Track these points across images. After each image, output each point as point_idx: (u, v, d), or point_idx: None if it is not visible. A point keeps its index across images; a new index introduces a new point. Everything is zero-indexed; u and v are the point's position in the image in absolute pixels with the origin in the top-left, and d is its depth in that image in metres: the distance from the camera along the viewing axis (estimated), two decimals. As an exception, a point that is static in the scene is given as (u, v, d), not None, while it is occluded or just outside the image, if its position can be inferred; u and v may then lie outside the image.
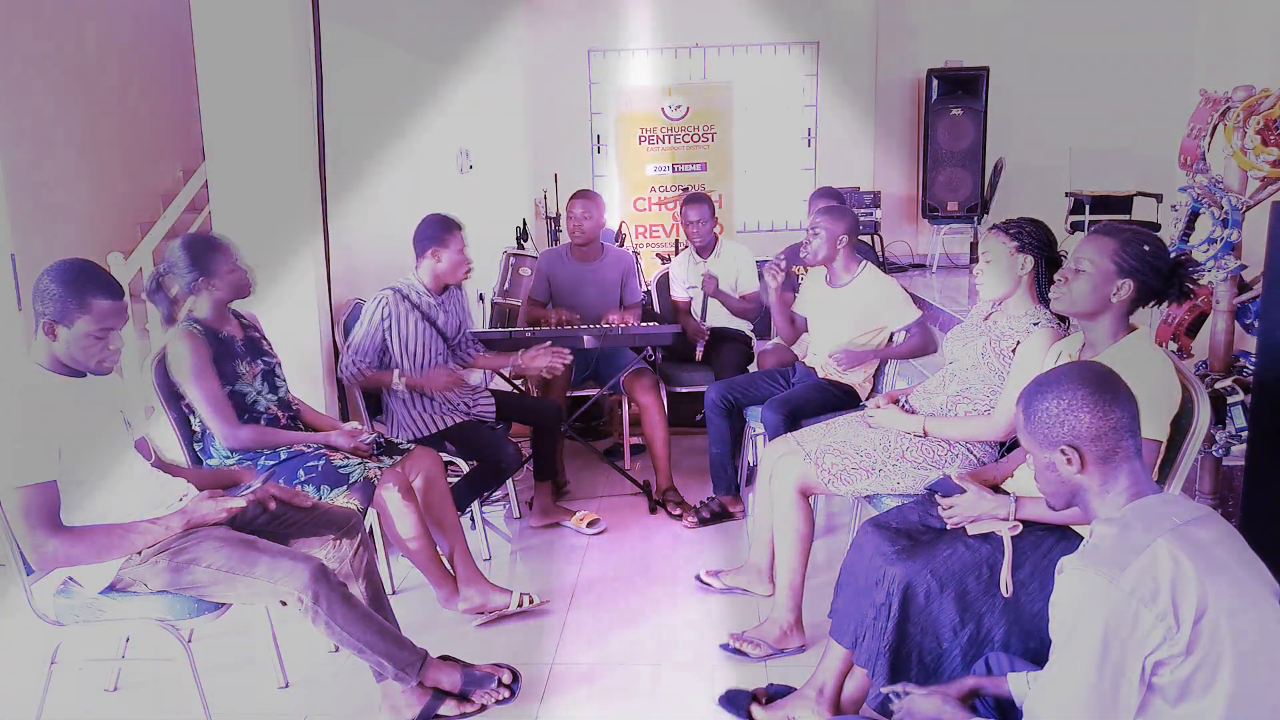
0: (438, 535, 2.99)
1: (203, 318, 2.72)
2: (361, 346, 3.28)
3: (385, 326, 3.27)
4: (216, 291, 2.71)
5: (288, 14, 3.23)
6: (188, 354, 2.63)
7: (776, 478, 2.79)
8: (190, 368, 2.62)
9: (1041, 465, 1.57)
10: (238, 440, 2.69)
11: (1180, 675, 1.35)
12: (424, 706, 2.41)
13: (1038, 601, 1.99)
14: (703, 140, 6.39)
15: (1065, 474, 1.53)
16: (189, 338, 2.65)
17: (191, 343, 2.64)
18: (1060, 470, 1.53)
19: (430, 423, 3.35)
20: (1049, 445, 1.53)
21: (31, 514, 1.99)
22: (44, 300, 2.05)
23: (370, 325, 3.27)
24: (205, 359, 2.64)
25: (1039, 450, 1.56)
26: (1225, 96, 2.77)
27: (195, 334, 2.66)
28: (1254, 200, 2.75)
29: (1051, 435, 1.52)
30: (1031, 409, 1.55)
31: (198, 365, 2.63)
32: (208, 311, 2.73)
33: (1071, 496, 1.56)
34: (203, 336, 2.67)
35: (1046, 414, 1.52)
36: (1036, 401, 1.54)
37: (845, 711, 2.30)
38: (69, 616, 2.18)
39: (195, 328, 2.68)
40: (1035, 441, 1.56)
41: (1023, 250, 2.52)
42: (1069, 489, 1.55)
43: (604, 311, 4.13)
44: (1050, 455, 1.53)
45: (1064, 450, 1.51)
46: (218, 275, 2.69)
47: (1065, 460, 1.51)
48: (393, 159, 4.24)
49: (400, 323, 3.29)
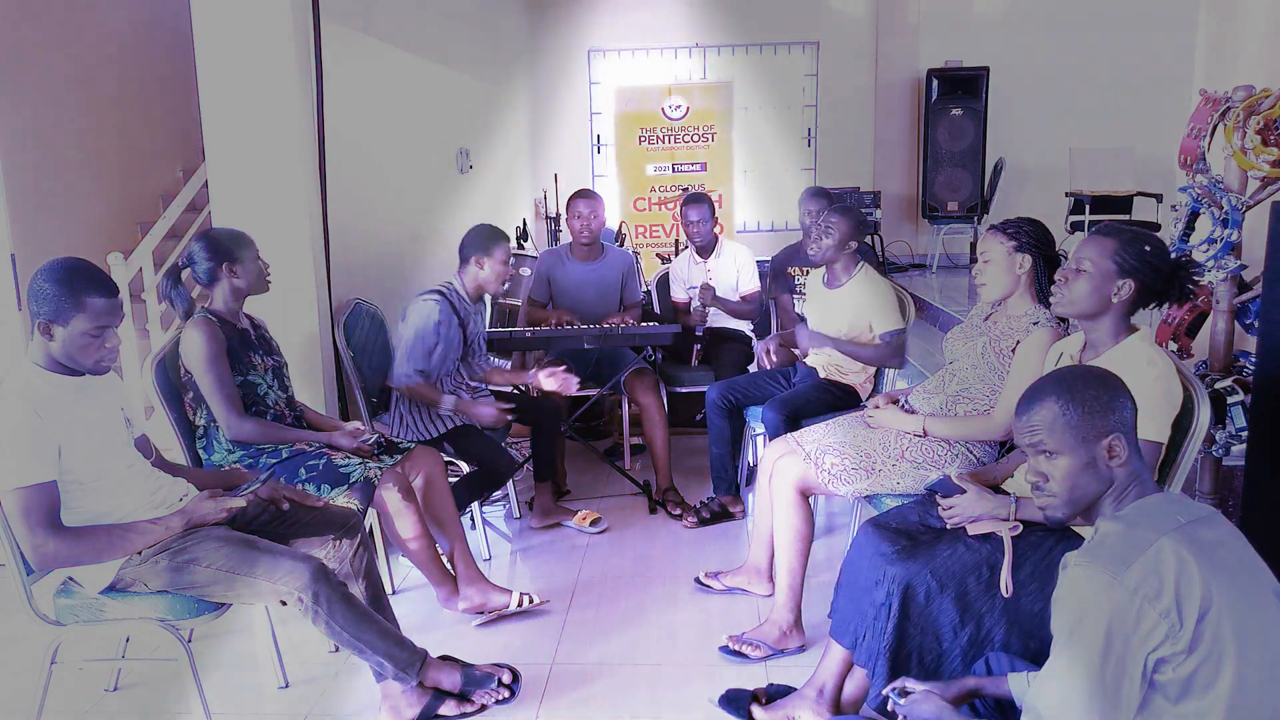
0: (438, 535, 3.00)
1: (218, 309, 2.76)
2: (416, 352, 3.26)
3: (439, 331, 3.27)
4: (237, 280, 2.75)
5: (288, 14, 3.23)
6: (202, 340, 2.65)
7: (776, 478, 2.79)
8: (204, 354, 2.65)
9: (1079, 465, 1.51)
10: (241, 431, 2.69)
11: (1182, 673, 1.35)
12: (424, 706, 2.41)
13: (1038, 601, 1.99)
14: (703, 140, 6.40)
15: (1105, 471, 1.50)
16: (205, 324, 2.68)
17: (208, 329, 2.67)
18: (1101, 467, 1.51)
19: (435, 426, 3.36)
20: (1094, 438, 1.50)
21: (31, 514, 1.99)
22: (39, 300, 2.05)
23: (425, 329, 3.25)
24: (220, 347, 2.68)
25: (1079, 447, 1.50)
26: (1225, 96, 2.77)
27: (211, 322, 2.70)
28: (1254, 200, 2.75)
29: (1098, 426, 1.49)
30: (1075, 401, 1.50)
31: (212, 352, 2.65)
32: (224, 303, 2.77)
33: (1093, 500, 1.53)
34: (218, 325, 2.71)
35: (1095, 401, 1.49)
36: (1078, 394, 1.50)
37: (845, 711, 2.30)
38: (69, 616, 2.18)
39: (211, 317, 2.72)
40: (1075, 438, 1.50)
41: (1020, 250, 2.52)
42: (1097, 489, 1.52)
43: (604, 312, 4.13)
44: (1093, 451, 1.50)
45: (1112, 444, 1.49)
46: (242, 264, 2.74)
47: (1107, 455, 1.49)
48: (393, 159, 4.24)
49: (447, 328, 3.31)
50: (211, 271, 2.74)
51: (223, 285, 2.75)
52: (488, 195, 5.68)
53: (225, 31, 3.26)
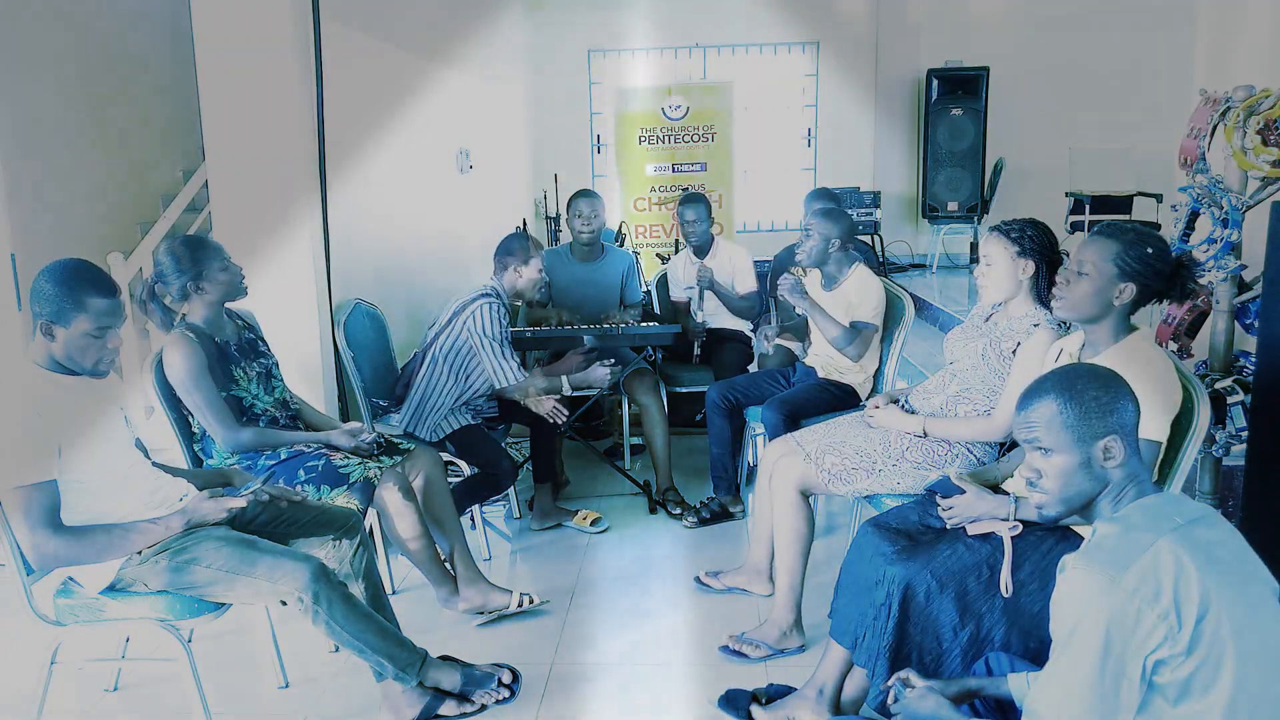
0: (438, 535, 2.99)
1: (197, 322, 2.71)
2: (505, 350, 3.40)
3: (507, 325, 3.43)
4: (207, 294, 2.69)
5: (288, 14, 3.23)
6: (183, 361, 2.61)
7: (776, 478, 2.79)
8: (186, 374, 2.61)
9: (1075, 464, 1.52)
10: (239, 443, 2.68)
11: (1181, 675, 1.35)
12: (424, 706, 2.41)
13: (1038, 601, 1.99)
14: (703, 140, 6.39)
15: (1100, 470, 1.51)
16: (184, 343, 2.63)
17: (187, 348, 2.62)
18: (1096, 467, 1.51)
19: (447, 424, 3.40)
20: (1091, 438, 1.50)
21: (31, 514, 1.99)
22: (41, 301, 2.05)
23: (505, 326, 3.41)
24: (201, 365, 2.63)
25: (1075, 447, 1.51)
26: (1225, 96, 2.76)
27: (189, 340, 2.64)
28: (1254, 200, 2.75)
29: (1095, 428, 1.49)
30: (1074, 401, 1.50)
31: (194, 371, 2.61)
32: (201, 315, 2.71)
33: (1088, 499, 1.54)
34: (197, 342, 2.65)
35: (1095, 403, 1.49)
36: (1077, 393, 1.50)
37: (845, 711, 2.30)
38: (69, 616, 2.17)
39: (189, 334, 2.66)
40: (1072, 437, 1.51)
41: (1024, 255, 2.51)
42: (1091, 490, 1.52)
43: (604, 311, 4.13)
44: (1089, 450, 1.50)
45: (1108, 445, 1.49)
46: (207, 277, 2.67)
47: (1104, 456, 1.49)
48: (393, 159, 4.24)
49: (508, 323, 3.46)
50: (182, 288, 2.67)
51: (196, 300, 2.69)
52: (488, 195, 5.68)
53: (225, 31, 3.25)
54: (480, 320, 3.35)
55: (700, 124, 6.38)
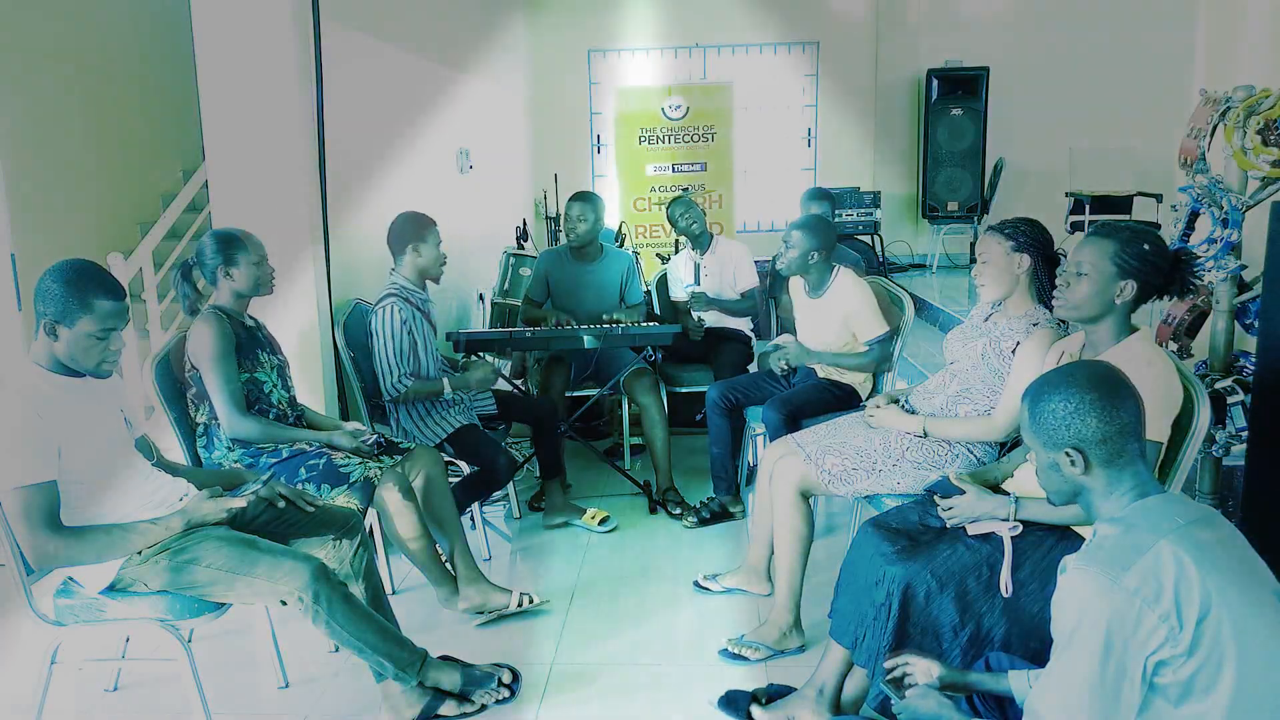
0: (438, 535, 2.99)
1: (225, 306, 2.78)
2: (396, 358, 3.26)
3: (407, 330, 3.27)
4: (236, 282, 2.76)
5: (288, 14, 3.23)
6: (210, 336, 2.67)
7: (776, 479, 2.79)
8: (211, 349, 2.66)
9: (1045, 464, 1.57)
10: (242, 428, 2.70)
11: (1182, 675, 1.35)
12: (424, 706, 2.41)
13: (1038, 601, 1.99)
14: (703, 140, 6.39)
15: (1068, 475, 1.53)
16: (214, 321, 2.70)
17: (218, 326, 2.69)
18: (1064, 471, 1.53)
19: (438, 431, 3.35)
20: (1053, 446, 1.53)
21: (31, 514, 1.99)
22: (46, 300, 2.05)
23: (396, 334, 3.25)
24: (229, 344, 2.69)
25: (1043, 450, 1.56)
26: (1225, 96, 2.77)
27: (220, 319, 2.72)
28: (1254, 200, 2.75)
29: (1056, 437, 1.52)
30: (1037, 409, 1.54)
31: (220, 348, 2.67)
32: (229, 301, 2.78)
33: (1074, 495, 1.56)
34: (228, 322, 2.73)
35: (1053, 415, 1.52)
36: (1043, 402, 1.54)
37: (845, 711, 2.30)
38: (69, 616, 2.17)
39: (220, 313, 2.73)
40: (1039, 441, 1.56)
41: (1019, 249, 2.51)
42: (1071, 489, 1.55)
43: (604, 312, 4.13)
44: (1054, 456, 1.53)
45: (1068, 453, 1.51)
46: (238, 266, 2.75)
47: (1069, 462, 1.51)
48: (393, 159, 4.24)
49: (413, 322, 3.31)
50: (213, 271, 2.76)
51: (223, 286, 2.78)
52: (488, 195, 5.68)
53: (225, 31, 3.25)
54: (376, 321, 3.28)
55: (700, 124, 6.38)
